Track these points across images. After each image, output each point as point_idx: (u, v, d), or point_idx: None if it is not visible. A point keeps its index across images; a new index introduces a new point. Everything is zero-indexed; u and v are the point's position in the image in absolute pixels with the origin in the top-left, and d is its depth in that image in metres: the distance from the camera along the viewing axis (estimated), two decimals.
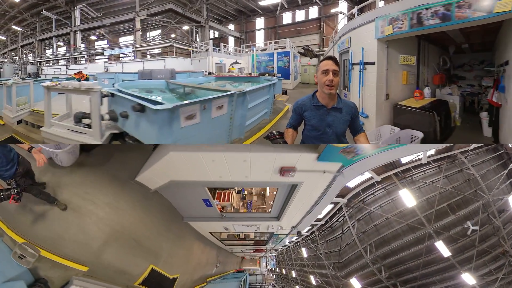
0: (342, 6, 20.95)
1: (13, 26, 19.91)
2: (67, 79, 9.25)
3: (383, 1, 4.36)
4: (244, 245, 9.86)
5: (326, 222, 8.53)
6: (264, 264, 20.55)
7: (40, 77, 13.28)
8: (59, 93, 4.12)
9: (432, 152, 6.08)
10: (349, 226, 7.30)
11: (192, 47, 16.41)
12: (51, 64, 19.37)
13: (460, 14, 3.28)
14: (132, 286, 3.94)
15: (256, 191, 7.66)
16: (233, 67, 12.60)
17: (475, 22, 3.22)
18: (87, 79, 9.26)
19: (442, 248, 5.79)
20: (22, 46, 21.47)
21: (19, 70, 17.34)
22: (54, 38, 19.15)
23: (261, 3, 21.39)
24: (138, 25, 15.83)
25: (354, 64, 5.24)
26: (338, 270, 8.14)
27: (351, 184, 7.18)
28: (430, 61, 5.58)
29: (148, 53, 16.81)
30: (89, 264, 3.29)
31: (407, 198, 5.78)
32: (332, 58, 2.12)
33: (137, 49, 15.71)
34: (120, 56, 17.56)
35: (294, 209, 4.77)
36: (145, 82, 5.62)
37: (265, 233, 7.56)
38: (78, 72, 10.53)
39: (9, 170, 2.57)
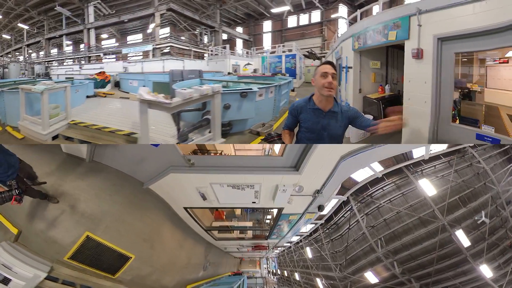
0: (342, 11, 21.56)
1: (19, 24, 19.70)
2: (93, 79, 8.82)
3: (380, 6, 5.70)
4: (240, 240, 7.73)
5: (331, 218, 8.47)
6: (265, 266, 19.88)
7: (51, 78, 13.21)
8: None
9: (444, 147, 6.27)
10: (357, 220, 7.29)
11: (208, 50, 17.11)
12: (57, 63, 19.24)
13: (376, 38, 5.01)
14: (62, 261, 3.20)
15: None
16: (246, 68, 13.59)
17: (382, 44, 4.95)
18: (110, 80, 9.10)
19: (462, 237, 5.88)
20: (28, 45, 21.35)
21: (26, 70, 17.09)
22: (64, 36, 18.96)
23: (273, 11, 22.06)
24: (157, 20, 15.61)
25: (343, 67, 7.09)
26: (345, 268, 8.06)
27: (358, 178, 7.26)
28: (400, 64, 6.83)
29: (159, 52, 16.60)
30: (22, 228, 3.09)
31: (427, 187, 5.93)
32: (330, 63, 2.16)
33: (157, 46, 15.48)
34: (128, 55, 17.65)
35: (322, 154, 3.00)
36: (188, 82, 7.26)
37: (267, 212, 5.92)
38: (100, 73, 9.98)
39: (11, 176, 2.58)
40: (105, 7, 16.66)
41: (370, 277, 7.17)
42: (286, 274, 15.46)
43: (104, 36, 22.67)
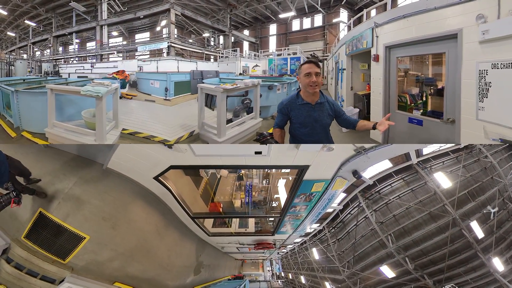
0: (343, 15, 22.12)
1: (26, 21, 19.54)
2: (113, 79, 8.20)
3: (364, 15, 6.97)
4: (239, 236, 6.03)
5: (337, 216, 8.47)
6: (269, 268, 19.10)
7: (61, 76, 13.18)
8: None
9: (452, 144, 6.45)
10: (366, 215, 7.34)
11: (217, 52, 18.04)
12: (63, 62, 19.25)
13: (357, 45, 6.16)
14: (19, 240, 3.19)
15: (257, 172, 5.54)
16: (254, 69, 14.95)
17: (360, 51, 6.14)
18: (129, 80, 8.80)
19: (476, 228, 6.03)
20: (33, 43, 21.32)
21: (32, 68, 16.98)
22: (74, 34, 18.87)
23: (280, 16, 22.69)
24: (172, 17, 15.57)
25: (340, 69, 8.49)
26: (352, 265, 8.04)
27: (366, 175, 7.37)
28: None
29: (174, 50, 16.41)
30: None
31: (443, 180, 6.16)
32: (312, 62, 2.27)
33: (172, 44, 15.42)
34: (136, 54, 17.78)
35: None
36: (210, 80, 8.31)
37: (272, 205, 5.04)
38: (119, 71, 9.52)
39: (4, 175, 2.49)
40: (118, 3, 16.72)
41: (386, 271, 7.17)
42: (290, 277, 15.11)
43: (114, 33, 22.76)
